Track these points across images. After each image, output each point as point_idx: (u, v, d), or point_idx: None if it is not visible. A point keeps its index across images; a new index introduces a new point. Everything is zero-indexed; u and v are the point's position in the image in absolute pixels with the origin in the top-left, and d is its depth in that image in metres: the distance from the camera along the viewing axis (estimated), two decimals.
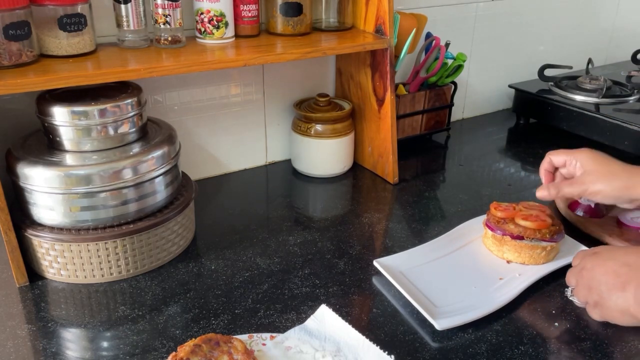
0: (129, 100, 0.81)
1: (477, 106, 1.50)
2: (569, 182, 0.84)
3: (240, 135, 1.15)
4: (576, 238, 0.90)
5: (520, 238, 0.83)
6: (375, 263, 0.82)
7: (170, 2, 0.89)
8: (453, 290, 0.79)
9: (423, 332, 0.72)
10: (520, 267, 0.84)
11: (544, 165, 0.90)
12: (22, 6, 0.77)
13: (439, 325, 0.70)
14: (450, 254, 0.87)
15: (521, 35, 1.49)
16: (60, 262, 0.80)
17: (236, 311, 0.76)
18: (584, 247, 0.87)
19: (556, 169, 0.90)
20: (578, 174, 0.84)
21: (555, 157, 0.88)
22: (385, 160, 1.12)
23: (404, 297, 0.76)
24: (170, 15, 0.89)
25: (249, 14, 0.98)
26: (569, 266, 0.84)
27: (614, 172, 0.80)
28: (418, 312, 0.73)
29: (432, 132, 1.32)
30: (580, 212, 0.96)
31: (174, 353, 0.63)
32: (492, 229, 0.86)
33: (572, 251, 0.87)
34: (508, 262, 0.85)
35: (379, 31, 1.04)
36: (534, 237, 0.82)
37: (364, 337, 0.67)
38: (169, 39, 0.91)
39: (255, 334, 0.69)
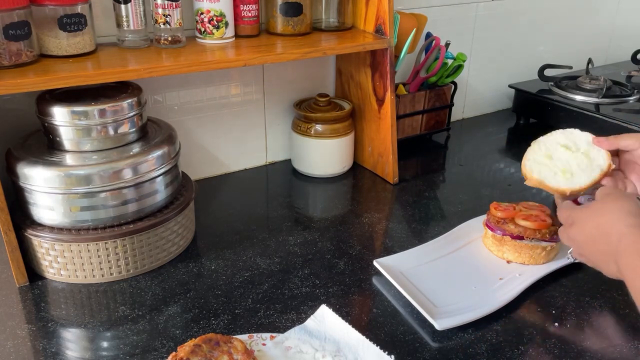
0: (129, 100, 0.81)
1: (477, 106, 1.50)
2: None
3: (240, 135, 1.15)
4: None
5: (520, 238, 0.83)
6: (375, 263, 0.82)
7: (170, 2, 0.89)
8: (453, 290, 0.79)
9: (423, 332, 0.72)
10: (520, 267, 0.84)
11: (608, 144, 0.78)
12: (22, 6, 0.77)
13: (439, 325, 0.70)
14: (450, 254, 0.87)
15: (521, 35, 1.49)
16: (60, 262, 0.80)
17: (236, 311, 0.76)
18: None
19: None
20: None
21: (624, 142, 0.77)
22: (385, 160, 1.12)
23: (404, 297, 0.76)
24: (170, 15, 0.89)
25: (249, 14, 0.98)
26: (569, 266, 0.84)
27: None
28: (418, 312, 0.73)
29: (432, 132, 1.31)
30: None
31: (174, 353, 0.63)
32: (492, 229, 0.86)
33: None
34: (508, 262, 0.85)
35: (379, 31, 1.04)
36: (534, 237, 0.82)
37: (364, 337, 0.67)
38: (169, 39, 0.91)
39: (255, 334, 0.69)
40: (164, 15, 0.89)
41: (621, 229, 0.62)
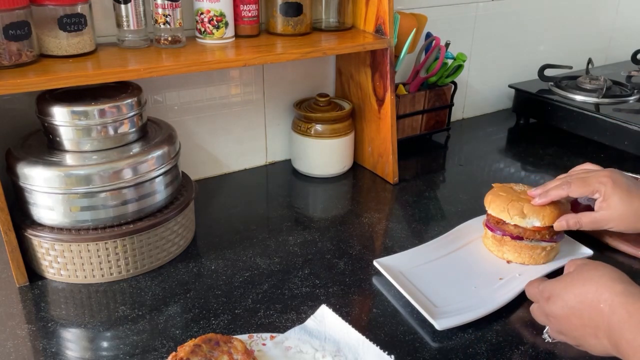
0: (129, 100, 0.81)
1: (477, 106, 1.50)
2: (591, 219, 0.80)
3: (240, 135, 1.15)
4: (576, 238, 0.90)
5: (520, 238, 0.83)
6: (375, 263, 0.82)
7: (170, 2, 0.89)
8: (453, 290, 0.79)
9: (423, 332, 0.72)
10: (520, 267, 0.84)
11: (555, 194, 0.81)
12: (22, 6, 0.77)
13: (439, 325, 0.70)
14: (450, 254, 0.87)
15: (521, 35, 1.49)
16: (60, 262, 0.80)
17: (236, 311, 0.76)
18: (584, 248, 0.87)
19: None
20: (599, 206, 0.80)
21: (574, 193, 0.80)
22: (385, 160, 1.12)
23: (404, 297, 0.76)
24: (170, 15, 0.89)
25: (249, 14, 0.98)
26: None
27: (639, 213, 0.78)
28: (418, 312, 0.73)
29: (432, 132, 1.31)
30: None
31: (174, 353, 0.63)
32: (491, 229, 0.86)
33: (572, 251, 0.87)
34: (508, 262, 0.85)
35: (379, 31, 1.04)
36: (534, 238, 0.82)
37: (364, 337, 0.67)
38: (169, 39, 0.91)
39: (255, 334, 0.69)
40: (164, 15, 0.89)
41: (611, 299, 0.56)
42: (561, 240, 0.85)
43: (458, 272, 0.83)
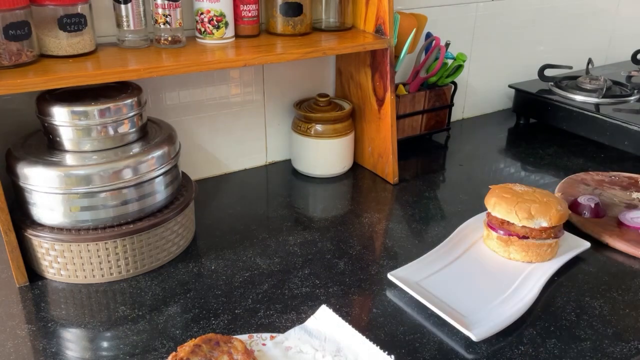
0: (129, 100, 0.81)
1: (477, 106, 1.50)
2: None
3: (240, 135, 1.15)
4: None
5: (527, 237, 0.83)
6: (390, 276, 0.80)
7: (170, 2, 0.89)
8: (473, 296, 0.77)
9: (423, 331, 0.72)
10: (530, 264, 0.83)
11: None
12: (22, 6, 0.77)
13: (475, 336, 0.68)
14: (457, 259, 0.86)
15: (521, 35, 1.49)
16: (60, 262, 0.80)
17: (236, 311, 0.76)
18: (582, 240, 0.89)
19: None
20: None
21: None
22: (385, 160, 1.12)
23: (404, 296, 0.75)
24: (170, 15, 0.89)
25: (249, 14, 0.98)
26: (568, 266, 0.84)
27: None
28: (418, 312, 0.73)
29: (432, 132, 1.31)
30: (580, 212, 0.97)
31: (174, 353, 0.63)
32: (495, 230, 0.86)
33: (572, 245, 0.88)
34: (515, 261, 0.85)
35: (379, 31, 1.04)
36: (540, 237, 0.82)
37: (364, 337, 0.67)
38: (169, 39, 0.91)
39: (255, 334, 0.69)
40: (164, 15, 0.89)
41: None
42: (562, 237, 0.86)
43: (472, 277, 0.81)
